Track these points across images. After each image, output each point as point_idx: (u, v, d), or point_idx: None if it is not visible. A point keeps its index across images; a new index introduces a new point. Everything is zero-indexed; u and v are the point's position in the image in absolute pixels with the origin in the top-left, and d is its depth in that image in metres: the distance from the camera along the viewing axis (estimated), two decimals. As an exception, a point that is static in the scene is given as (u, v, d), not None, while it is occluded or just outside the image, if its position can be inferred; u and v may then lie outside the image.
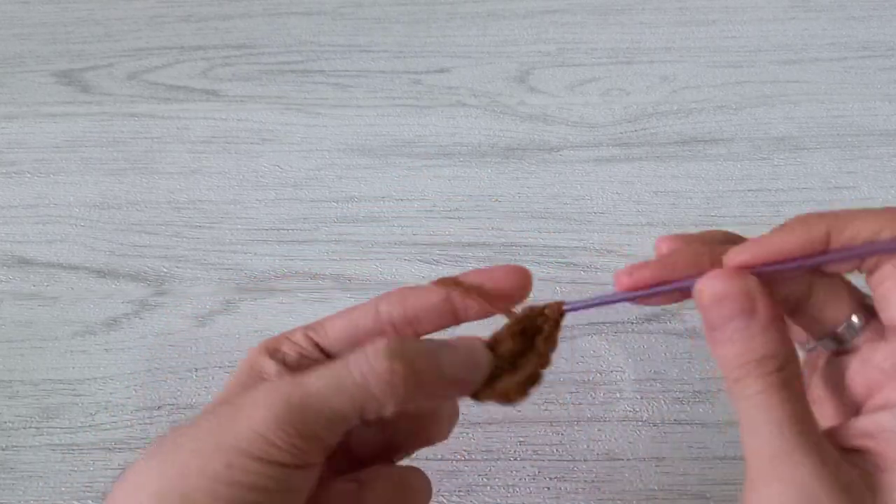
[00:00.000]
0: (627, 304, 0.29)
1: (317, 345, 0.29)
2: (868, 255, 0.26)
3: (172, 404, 0.44)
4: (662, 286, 0.27)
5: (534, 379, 0.28)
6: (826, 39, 0.58)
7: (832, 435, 0.26)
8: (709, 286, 0.25)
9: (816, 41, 0.57)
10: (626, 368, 0.44)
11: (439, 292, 0.29)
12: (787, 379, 0.25)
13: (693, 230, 0.48)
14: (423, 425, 0.31)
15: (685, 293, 0.27)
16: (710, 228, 0.30)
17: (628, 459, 0.42)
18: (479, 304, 0.29)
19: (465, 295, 0.29)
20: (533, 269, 0.47)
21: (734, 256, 0.26)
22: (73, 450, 0.43)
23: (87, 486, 0.42)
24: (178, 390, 0.45)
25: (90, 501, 0.41)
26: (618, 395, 0.43)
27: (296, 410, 0.24)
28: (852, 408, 0.27)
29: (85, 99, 0.57)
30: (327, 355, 0.29)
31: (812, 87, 0.55)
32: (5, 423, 0.44)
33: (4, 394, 0.45)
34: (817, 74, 0.56)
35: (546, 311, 0.29)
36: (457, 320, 0.29)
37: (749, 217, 0.49)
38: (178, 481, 0.23)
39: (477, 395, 0.28)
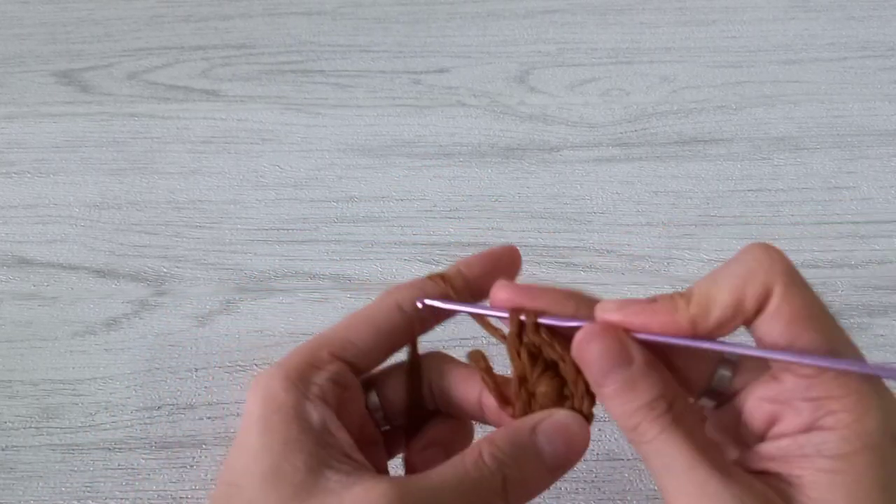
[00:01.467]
0: None
1: (348, 364, 0.28)
2: (729, 353, 0.26)
3: (172, 404, 0.44)
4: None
5: (592, 402, 0.28)
6: (826, 39, 0.58)
7: (736, 464, 0.26)
8: (586, 345, 0.25)
9: (816, 41, 0.57)
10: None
11: (442, 286, 0.29)
12: (679, 416, 0.25)
13: (693, 230, 0.49)
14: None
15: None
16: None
17: (628, 459, 0.41)
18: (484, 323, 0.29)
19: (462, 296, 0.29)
20: (533, 269, 0.48)
21: (605, 314, 0.26)
22: (73, 450, 0.43)
23: (87, 486, 0.42)
24: (178, 390, 0.45)
25: (90, 501, 0.41)
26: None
27: None
28: (750, 444, 0.27)
29: (85, 99, 0.57)
30: (357, 371, 0.28)
31: (812, 87, 0.55)
32: (5, 423, 0.44)
33: (4, 394, 0.45)
34: (817, 74, 0.56)
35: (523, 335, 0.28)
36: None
37: (749, 217, 0.49)
38: None
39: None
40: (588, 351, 0.25)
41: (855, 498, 0.23)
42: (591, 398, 0.27)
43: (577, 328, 0.26)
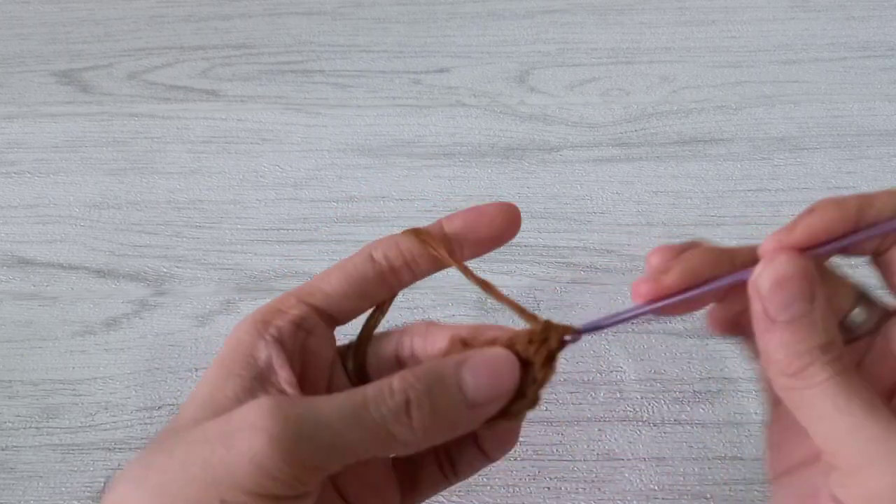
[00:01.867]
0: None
1: (315, 308, 0.28)
2: None
3: (172, 404, 0.44)
4: (688, 292, 0.25)
5: (534, 402, 0.26)
6: (826, 39, 0.58)
7: None
8: (770, 270, 0.24)
9: (816, 41, 0.57)
10: (627, 368, 0.44)
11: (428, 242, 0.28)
12: (851, 363, 0.24)
13: (693, 230, 0.49)
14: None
15: (708, 299, 0.26)
16: (690, 239, 0.28)
17: (628, 459, 0.41)
18: (458, 263, 0.28)
19: (446, 257, 0.28)
20: (533, 269, 0.48)
21: (783, 239, 0.25)
22: (73, 450, 0.43)
23: (87, 486, 0.42)
24: (178, 390, 0.45)
25: (90, 501, 0.41)
26: (618, 395, 0.43)
27: (304, 441, 0.22)
28: (885, 392, 0.26)
29: (85, 99, 0.57)
30: (327, 317, 0.28)
31: (812, 87, 0.55)
32: (5, 423, 0.44)
33: (4, 394, 0.45)
34: (817, 74, 0.56)
35: (542, 340, 0.26)
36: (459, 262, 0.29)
37: (749, 217, 0.49)
38: None
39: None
40: (771, 281, 0.24)
41: None
42: (534, 403, 0.26)
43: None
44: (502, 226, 0.29)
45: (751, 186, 0.51)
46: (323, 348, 0.28)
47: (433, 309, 0.46)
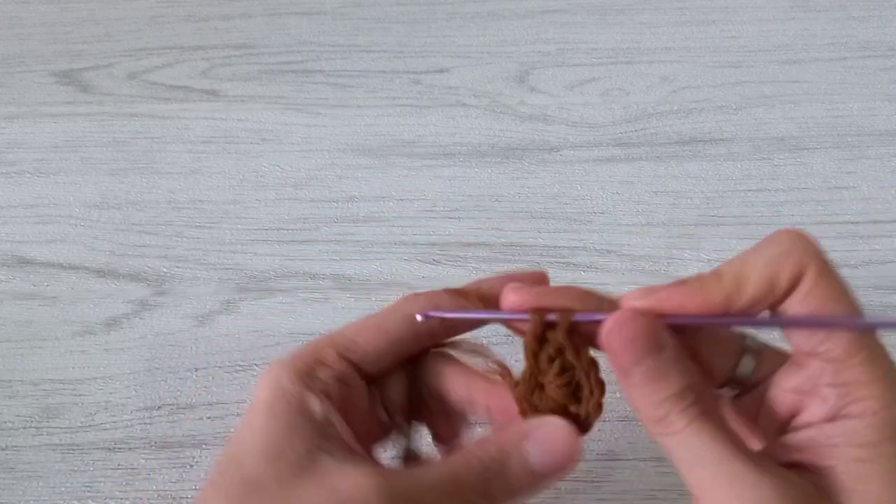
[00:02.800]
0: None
1: (354, 365, 0.28)
2: (767, 326, 0.26)
3: (172, 404, 0.44)
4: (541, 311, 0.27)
5: (599, 409, 0.27)
6: (826, 39, 0.58)
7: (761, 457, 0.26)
8: (617, 329, 0.25)
9: (816, 41, 0.57)
10: (626, 368, 0.44)
11: (458, 300, 0.29)
12: (708, 408, 0.25)
13: (693, 230, 0.49)
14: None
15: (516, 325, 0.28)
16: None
17: (628, 459, 0.41)
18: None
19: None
20: (533, 269, 0.48)
21: (633, 301, 0.26)
22: (73, 450, 0.43)
23: (87, 486, 0.42)
24: (178, 390, 0.45)
25: (90, 501, 0.41)
26: (618, 395, 0.43)
27: None
28: (769, 435, 0.27)
29: (85, 99, 0.57)
30: (364, 375, 0.29)
31: (812, 87, 0.55)
32: (5, 423, 0.44)
33: (4, 394, 0.45)
34: (817, 74, 0.56)
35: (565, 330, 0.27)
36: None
37: (749, 217, 0.49)
38: None
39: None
40: (618, 337, 0.25)
41: (890, 486, 0.23)
42: (599, 406, 0.27)
43: (598, 323, 0.25)
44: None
45: (751, 186, 0.51)
46: (360, 400, 0.29)
47: (433, 309, 0.46)
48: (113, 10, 0.62)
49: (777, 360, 0.27)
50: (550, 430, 0.27)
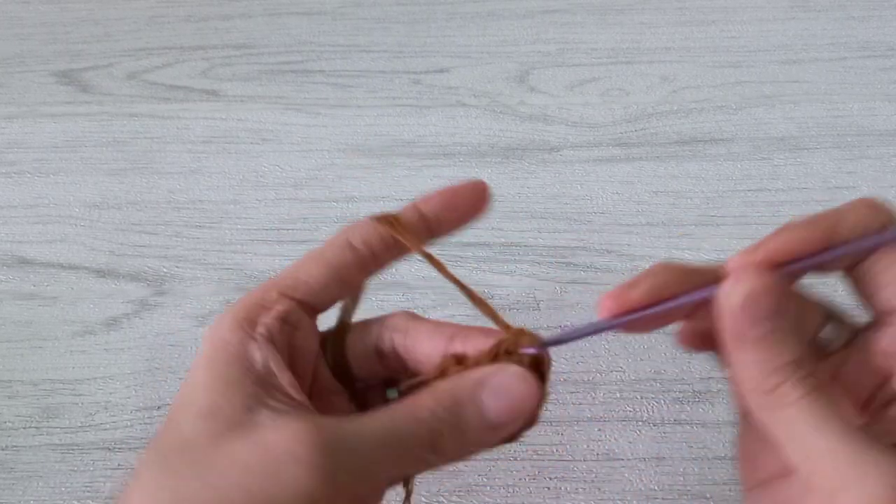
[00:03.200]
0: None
1: (299, 301, 0.27)
2: (874, 246, 0.25)
3: (170, 404, 0.44)
4: (657, 306, 0.25)
5: (532, 422, 0.26)
6: (826, 39, 0.58)
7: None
8: (739, 286, 0.24)
9: (816, 41, 0.57)
10: (626, 368, 0.44)
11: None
12: (822, 381, 0.24)
13: (693, 230, 0.49)
14: None
15: (675, 316, 0.26)
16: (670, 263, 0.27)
17: (628, 459, 0.41)
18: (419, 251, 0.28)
19: (413, 244, 0.28)
20: (533, 269, 0.48)
21: (748, 257, 0.25)
22: (73, 450, 0.43)
23: (87, 486, 0.42)
24: (178, 390, 0.45)
25: (90, 501, 0.41)
26: (618, 395, 0.43)
27: (345, 471, 0.22)
28: (860, 401, 0.26)
29: (85, 99, 0.57)
30: (309, 309, 0.28)
31: (812, 87, 0.55)
32: (5, 423, 0.44)
33: (4, 394, 0.45)
34: (817, 74, 0.56)
35: (514, 344, 0.26)
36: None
37: (749, 217, 0.49)
38: None
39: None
40: (740, 297, 0.23)
41: None
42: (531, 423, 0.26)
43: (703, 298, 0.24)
44: (478, 203, 0.29)
45: (751, 186, 0.51)
46: (308, 341, 0.28)
47: (433, 309, 0.46)
48: (113, 10, 0.62)
49: (859, 327, 0.26)
50: (508, 377, 0.25)
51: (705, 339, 0.27)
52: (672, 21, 0.59)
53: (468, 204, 0.29)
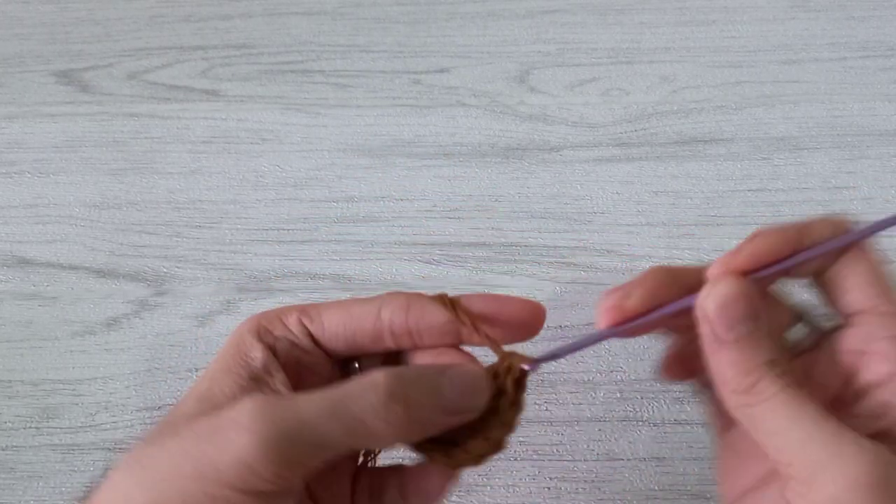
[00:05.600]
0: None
1: (311, 335, 0.28)
2: (839, 247, 0.27)
3: (172, 404, 0.44)
4: (649, 315, 0.27)
5: (499, 446, 0.27)
6: (826, 39, 0.58)
7: None
8: (715, 292, 0.25)
9: (816, 41, 0.57)
10: (626, 368, 0.44)
11: (445, 314, 0.28)
12: (797, 376, 0.25)
13: (693, 230, 0.49)
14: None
15: (664, 322, 0.27)
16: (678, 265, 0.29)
17: (628, 459, 0.41)
18: (482, 340, 0.28)
19: (472, 329, 0.28)
20: (533, 269, 0.48)
21: (726, 263, 0.26)
22: (73, 450, 0.43)
23: (87, 487, 0.42)
24: (178, 390, 0.45)
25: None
26: (618, 395, 0.43)
27: (285, 439, 0.23)
28: (828, 401, 0.27)
29: (85, 99, 0.57)
30: (321, 349, 0.28)
31: (812, 87, 0.55)
32: (5, 423, 0.44)
33: (4, 394, 0.45)
34: (817, 74, 0.56)
35: (507, 367, 0.27)
36: (458, 342, 0.29)
37: (749, 217, 0.49)
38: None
39: (430, 456, 0.27)
40: (716, 303, 0.25)
41: None
42: (498, 446, 0.27)
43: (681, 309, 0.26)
44: (524, 322, 0.29)
45: (751, 186, 0.51)
46: (317, 374, 0.29)
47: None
48: (112, 10, 0.62)
49: (826, 329, 0.28)
50: (467, 371, 0.27)
51: (686, 365, 0.29)
52: (672, 21, 0.59)
53: (514, 320, 0.29)
